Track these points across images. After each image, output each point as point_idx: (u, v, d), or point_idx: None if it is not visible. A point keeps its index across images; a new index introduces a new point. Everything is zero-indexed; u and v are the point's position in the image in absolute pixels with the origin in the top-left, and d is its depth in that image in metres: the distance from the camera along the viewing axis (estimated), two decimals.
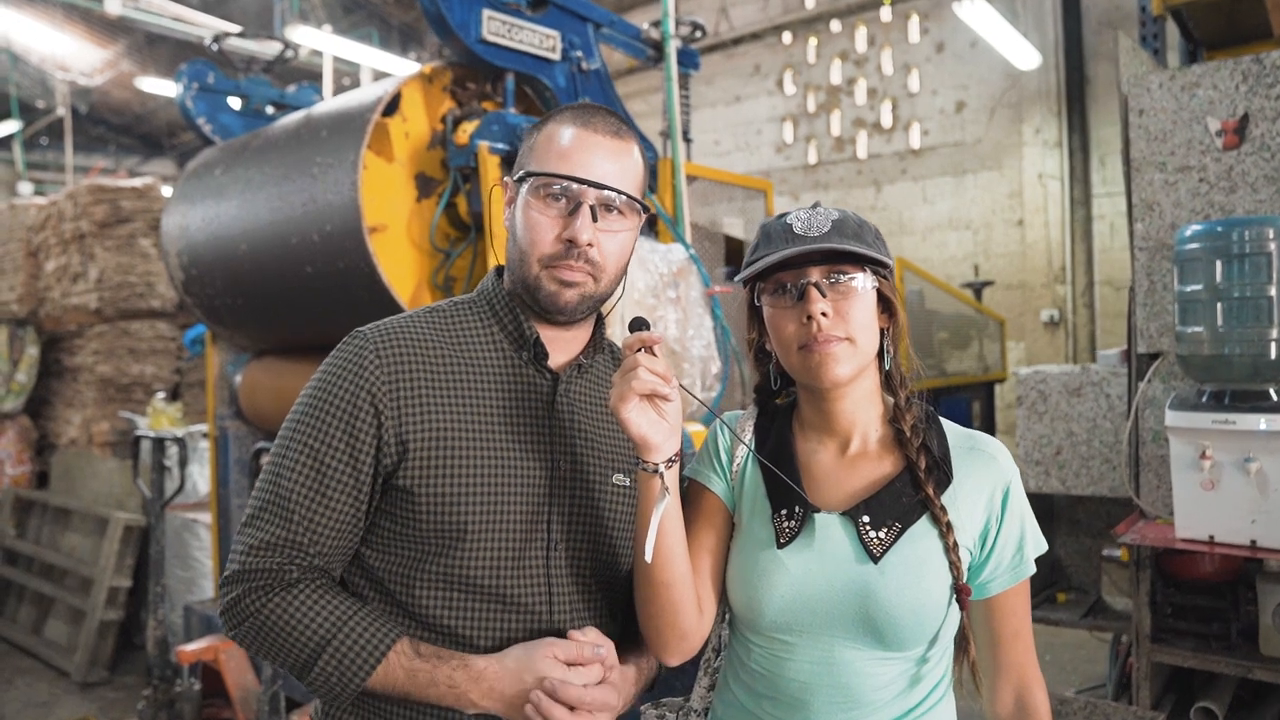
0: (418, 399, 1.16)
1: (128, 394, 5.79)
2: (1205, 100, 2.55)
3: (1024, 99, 6.95)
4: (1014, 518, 1.22)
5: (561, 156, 1.19)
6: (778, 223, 1.24)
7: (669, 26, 3.18)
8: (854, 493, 1.22)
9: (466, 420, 1.17)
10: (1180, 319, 2.42)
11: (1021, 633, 1.26)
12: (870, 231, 1.24)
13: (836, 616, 1.17)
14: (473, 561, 1.16)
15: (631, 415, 1.09)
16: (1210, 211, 2.55)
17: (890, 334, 1.25)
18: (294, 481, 1.15)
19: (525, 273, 1.21)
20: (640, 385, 1.08)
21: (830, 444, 1.26)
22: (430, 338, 1.22)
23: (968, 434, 1.28)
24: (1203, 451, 2.29)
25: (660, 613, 1.18)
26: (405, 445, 1.15)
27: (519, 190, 1.23)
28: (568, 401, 1.25)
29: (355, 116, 2.75)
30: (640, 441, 1.11)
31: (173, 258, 3.52)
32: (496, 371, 1.22)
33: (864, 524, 1.18)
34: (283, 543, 1.14)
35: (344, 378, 1.17)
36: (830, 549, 1.18)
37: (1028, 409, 3.18)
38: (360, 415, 1.15)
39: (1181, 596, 2.62)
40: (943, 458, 1.22)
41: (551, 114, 1.26)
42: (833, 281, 1.18)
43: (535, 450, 1.21)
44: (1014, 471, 1.25)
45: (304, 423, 1.17)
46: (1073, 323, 6.71)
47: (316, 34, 7.51)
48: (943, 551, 1.17)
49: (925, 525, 1.18)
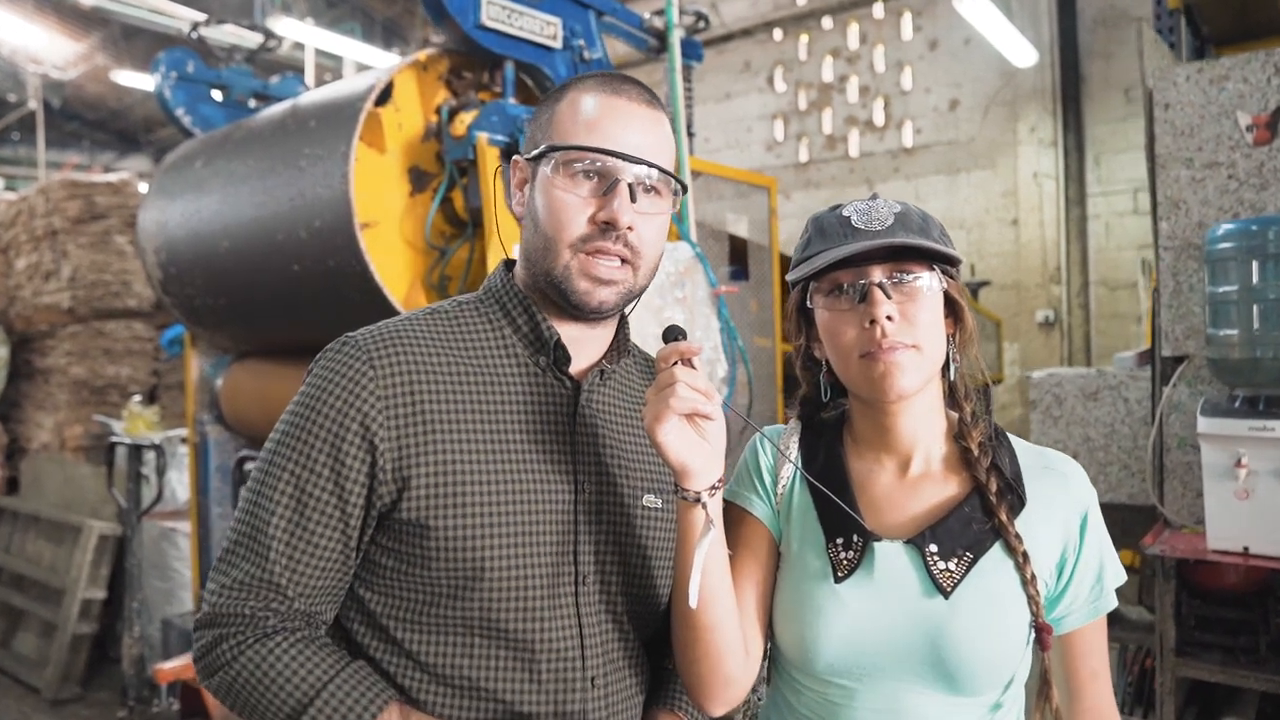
0: (420, 418, 1.00)
1: (102, 396, 5.60)
2: (1235, 94, 2.45)
3: (1018, 97, 6.88)
4: (1093, 545, 1.09)
5: (592, 128, 1.03)
6: (832, 215, 1.11)
7: (673, 15, 3.06)
8: (917, 518, 1.09)
9: (478, 439, 1.02)
10: (1211, 321, 2.33)
11: (1100, 673, 1.13)
12: (936, 226, 1.11)
13: (903, 659, 1.04)
14: (495, 604, 1.00)
15: (670, 438, 0.96)
16: (1240, 209, 2.46)
17: (956, 341, 1.12)
18: (273, 514, 0.99)
19: (552, 264, 1.04)
20: (680, 404, 0.95)
21: (889, 463, 1.13)
22: (432, 343, 1.05)
23: (1040, 452, 1.15)
24: (1238, 459, 2.20)
25: (704, 658, 1.05)
26: (406, 475, 0.99)
27: (537, 169, 1.06)
28: (591, 412, 1.10)
29: (346, 106, 2.61)
30: (679, 467, 0.97)
31: (150, 255, 3.36)
32: (510, 380, 1.07)
33: (931, 554, 1.05)
34: (259, 583, 0.99)
35: (331, 393, 1.00)
36: (894, 582, 1.05)
37: (1042, 413, 3.08)
38: (348, 439, 0.99)
39: (1207, 608, 2.52)
40: (1015, 479, 1.09)
41: (571, 81, 1.10)
42: (897, 281, 1.05)
43: (558, 470, 1.05)
44: (1093, 494, 1.12)
45: (286, 445, 1.01)
46: (1068, 323, 6.65)
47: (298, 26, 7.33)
48: (1019, 585, 1.04)
49: (999, 555, 1.05)
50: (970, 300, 1.15)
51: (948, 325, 1.11)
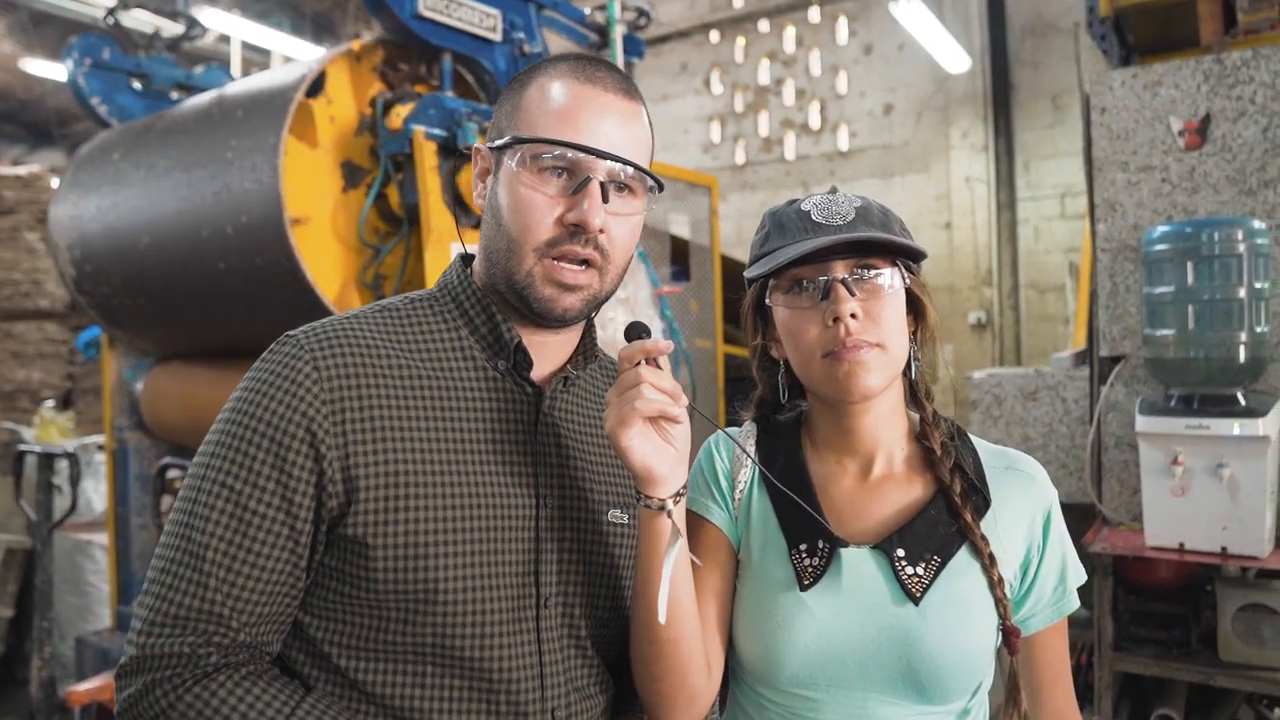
0: (368, 423, 0.91)
1: (11, 402, 5.32)
2: (1167, 100, 2.51)
3: (951, 102, 7.01)
4: (1056, 546, 1.08)
5: (562, 118, 0.94)
6: (791, 210, 1.07)
7: (615, 11, 3.01)
8: (882, 522, 1.05)
9: (431, 448, 0.93)
10: (1148, 321, 2.37)
11: (1062, 675, 1.12)
12: (896, 220, 1.08)
13: (872, 668, 1.00)
14: (449, 629, 0.92)
15: (634, 442, 0.90)
16: (1173, 212, 2.51)
17: (919, 339, 1.10)
18: (210, 534, 0.88)
19: (515, 267, 0.96)
20: (646, 406, 0.89)
21: (850, 466, 1.10)
22: (382, 343, 0.96)
23: (1002, 452, 1.13)
24: (1174, 457, 2.24)
25: (667, 674, 0.99)
26: (353, 484, 0.90)
27: (502, 160, 0.98)
28: (554, 421, 1.03)
29: (276, 96, 2.49)
30: (644, 474, 0.92)
31: (63, 252, 3.17)
32: (467, 385, 0.98)
33: (899, 559, 1.02)
34: (197, 616, 0.88)
35: (272, 396, 0.91)
36: (863, 590, 1.02)
37: (982, 413, 3.12)
38: (292, 446, 0.89)
39: (1141, 603, 2.57)
40: (978, 479, 1.07)
41: (540, 65, 1.01)
42: (859, 278, 1.01)
43: (518, 483, 0.98)
44: (1054, 494, 1.11)
45: (222, 456, 0.91)
46: (999, 325, 6.79)
47: (223, 16, 7.07)
48: (987, 588, 1.02)
49: (966, 558, 1.03)
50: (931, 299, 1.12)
51: (909, 323, 1.09)
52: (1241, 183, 2.43)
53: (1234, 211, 2.43)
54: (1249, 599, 2.35)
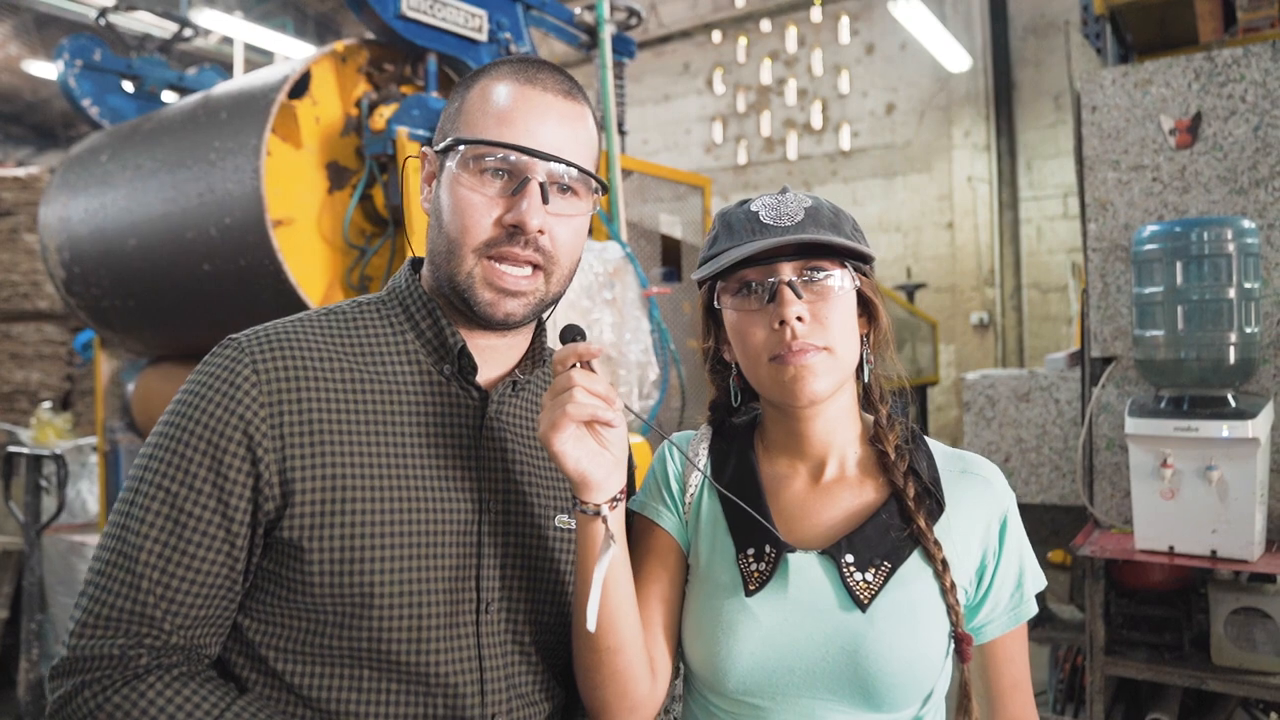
0: (306, 426, 0.91)
1: (11, 403, 5.33)
2: (1158, 98, 2.48)
3: (953, 102, 6.98)
4: (1013, 551, 1.05)
5: (502, 120, 0.94)
6: (740, 211, 1.05)
7: (604, 10, 2.99)
8: (832, 527, 1.03)
9: (371, 452, 0.93)
10: (1138, 322, 2.34)
11: (1021, 683, 1.09)
12: (848, 220, 1.06)
13: (818, 675, 0.98)
14: (385, 634, 0.91)
15: (566, 446, 0.89)
16: (1164, 212, 2.48)
17: (871, 341, 1.07)
18: (144, 535, 0.88)
19: (455, 269, 0.95)
20: (578, 410, 0.88)
21: (802, 469, 1.08)
22: (325, 346, 0.96)
23: (958, 455, 1.11)
24: (1163, 460, 2.21)
25: (607, 682, 0.98)
26: (290, 488, 0.90)
27: (444, 163, 0.97)
28: (500, 425, 1.02)
29: (258, 97, 2.48)
30: (578, 478, 0.91)
31: (52, 253, 3.18)
32: (410, 389, 0.98)
33: (847, 564, 0.99)
34: (129, 617, 0.87)
35: (210, 399, 0.91)
36: (809, 595, 1.00)
37: (975, 415, 3.09)
38: (229, 449, 0.89)
39: (1133, 607, 2.54)
40: (933, 483, 1.04)
41: (486, 67, 1.01)
42: (808, 280, 1.00)
43: (460, 487, 0.97)
44: (1011, 498, 1.08)
45: (159, 458, 0.90)
46: (1002, 325, 6.75)
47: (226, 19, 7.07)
48: (939, 594, 1.00)
49: (917, 564, 1.00)
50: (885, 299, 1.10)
51: (861, 325, 1.07)
52: (1233, 181, 2.39)
53: (1225, 211, 2.40)
54: (1241, 602, 2.32)
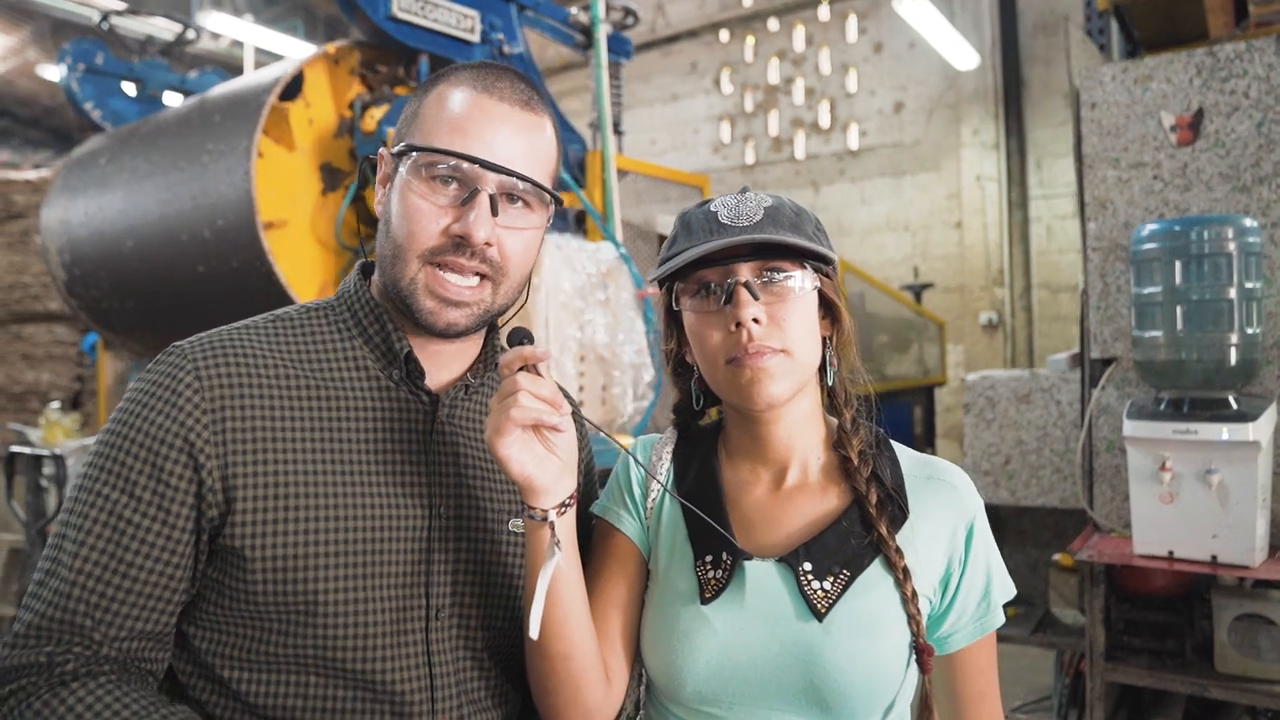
0: (249, 434, 0.90)
1: (22, 403, 5.37)
2: (1159, 94, 2.44)
3: (962, 100, 6.92)
4: (979, 559, 1.02)
5: (455, 128, 0.93)
6: (700, 211, 1.03)
7: (598, 10, 2.98)
8: (793, 534, 1.01)
9: (316, 459, 0.92)
10: (1137, 323, 2.30)
11: (988, 694, 1.06)
12: (810, 221, 1.03)
13: (774, 685, 0.96)
14: (330, 641, 0.90)
15: (511, 451, 0.88)
16: (1165, 210, 2.44)
17: (834, 343, 1.05)
18: (80, 544, 0.87)
19: (399, 274, 0.94)
20: (522, 414, 0.87)
21: (764, 474, 1.06)
22: (271, 353, 0.95)
23: (924, 460, 1.08)
24: (1162, 463, 2.17)
25: (559, 689, 0.97)
26: (232, 495, 0.89)
27: (397, 166, 0.96)
28: (451, 430, 1.01)
29: (250, 99, 2.49)
30: (524, 483, 0.90)
31: (53, 255, 3.20)
32: (358, 395, 0.97)
33: (805, 573, 0.97)
34: (59, 627, 0.86)
35: (152, 407, 0.89)
36: (765, 604, 0.97)
37: (975, 416, 3.05)
38: (170, 456, 0.88)
39: (1135, 612, 2.50)
40: (896, 489, 1.02)
41: (445, 72, 0.99)
42: (766, 281, 0.97)
43: (410, 493, 0.96)
44: (979, 505, 1.05)
45: (101, 466, 0.89)
46: (1011, 325, 6.69)
47: (235, 22, 7.12)
48: (899, 603, 0.97)
49: (878, 572, 0.98)
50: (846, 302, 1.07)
51: (824, 327, 1.04)
52: (1235, 179, 2.35)
53: (1228, 209, 2.36)
54: (1245, 609, 2.28)
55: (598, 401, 2.80)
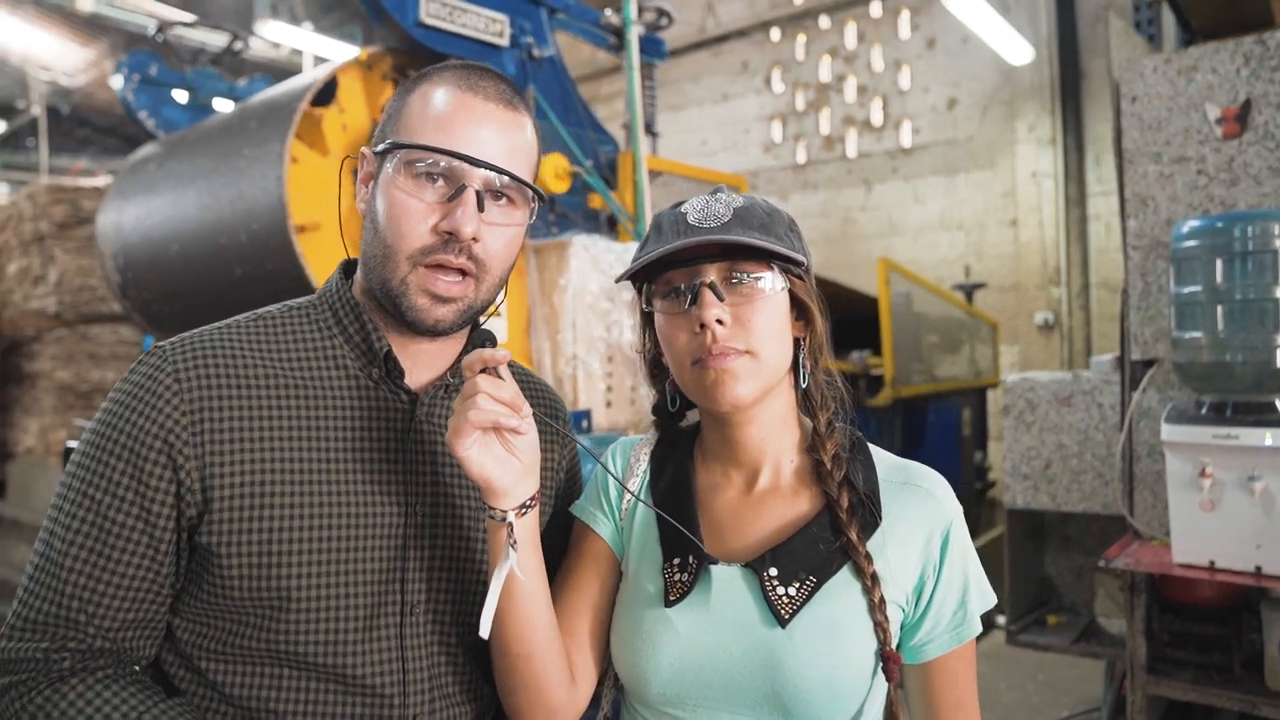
0: (226, 434, 0.92)
1: (88, 401, 5.58)
2: (1204, 85, 2.34)
3: (1017, 95, 6.75)
4: (955, 567, 1.01)
5: (440, 125, 0.94)
6: (671, 212, 1.03)
7: (630, 11, 2.98)
8: (761, 538, 1.01)
9: (292, 457, 0.94)
10: (1177, 323, 2.22)
11: (965, 704, 1.03)
12: (782, 222, 1.02)
13: (735, 690, 0.96)
14: (302, 636, 0.93)
15: (470, 452, 0.89)
16: (1210, 206, 2.34)
17: (807, 345, 1.04)
18: (69, 542, 0.91)
19: (388, 274, 0.95)
20: (480, 416, 0.87)
21: (736, 477, 1.06)
22: (251, 352, 0.98)
23: (901, 465, 1.07)
24: (1202, 469, 2.09)
25: (521, 687, 0.98)
26: (209, 494, 0.91)
27: (382, 165, 0.97)
28: (430, 429, 1.03)
29: (283, 106, 2.55)
30: (483, 484, 0.91)
31: (108, 259, 3.32)
32: (337, 393, 0.99)
33: (770, 578, 0.96)
34: (53, 621, 0.90)
35: (132, 409, 0.92)
36: (728, 609, 0.97)
37: (1015, 419, 2.97)
38: (150, 456, 0.91)
39: (1180, 623, 2.41)
40: (869, 494, 1.01)
41: (428, 71, 1.00)
42: (734, 282, 0.97)
43: (386, 491, 0.98)
44: (956, 511, 1.03)
45: (85, 466, 0.93)
46: (1068, 325, 6.50)
47: (293, 31, 7.31)
48: (867, 610, 0.96)
49: (846, 578, 0.97)
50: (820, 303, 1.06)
51: (797, 329, 1.04)
52: None
53: (1277, 204, 2.26)
54: None
55: (626, 402, 2.80)
